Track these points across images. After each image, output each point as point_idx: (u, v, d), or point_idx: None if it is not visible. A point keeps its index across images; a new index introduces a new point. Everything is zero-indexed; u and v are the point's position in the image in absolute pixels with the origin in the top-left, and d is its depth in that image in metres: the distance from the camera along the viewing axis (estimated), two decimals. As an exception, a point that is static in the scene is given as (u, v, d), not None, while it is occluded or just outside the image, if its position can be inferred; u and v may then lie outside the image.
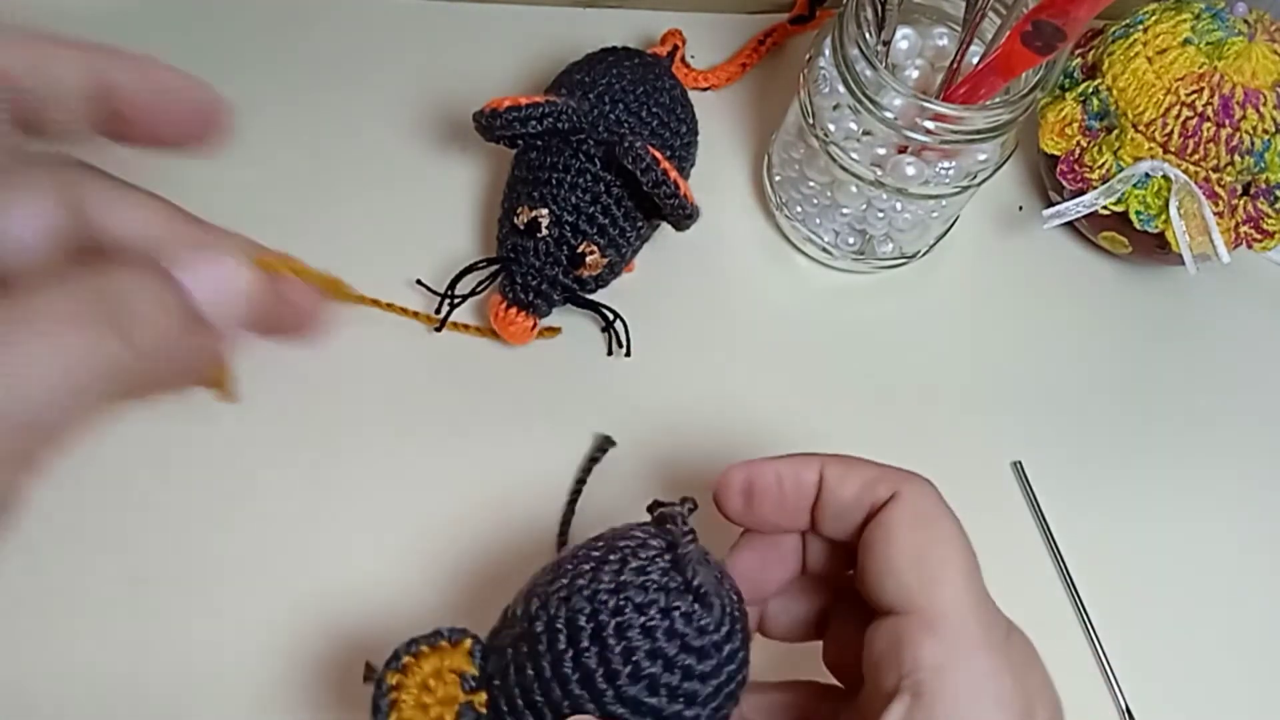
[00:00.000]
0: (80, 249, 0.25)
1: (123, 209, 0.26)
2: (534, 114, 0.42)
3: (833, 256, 0.50)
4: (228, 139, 0.28)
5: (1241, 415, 0.50)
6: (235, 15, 0.52)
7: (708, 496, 0.45)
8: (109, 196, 0.26)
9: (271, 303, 0.27)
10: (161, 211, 0.26)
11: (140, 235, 0.25)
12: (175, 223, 0.26)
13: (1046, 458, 0.48)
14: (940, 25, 0.46)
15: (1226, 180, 0.47)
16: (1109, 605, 0.45)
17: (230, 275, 0.25)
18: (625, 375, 0.47)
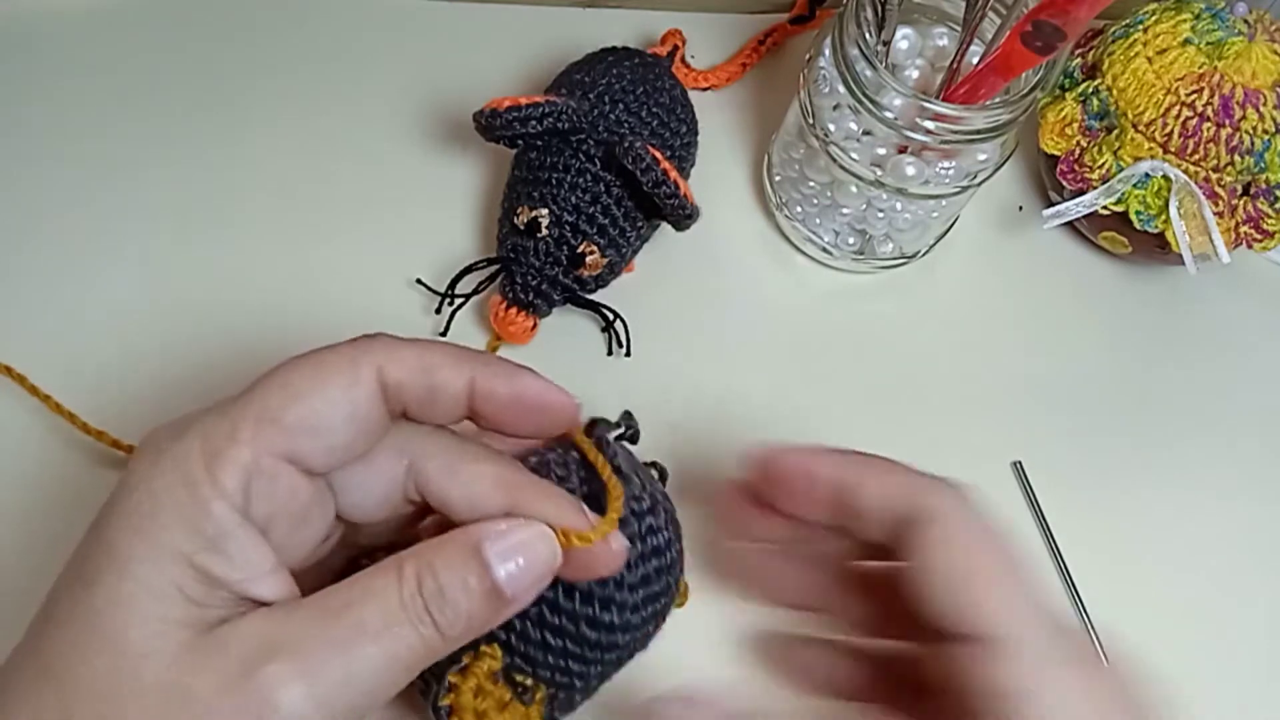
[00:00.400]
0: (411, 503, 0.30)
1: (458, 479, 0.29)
2: (534, 114, 0.42)
3: (833, 256, 0.50)
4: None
5: (1241, 415, 0.50)
6: (235, 15, 0.52)
7: (708, 495, 0.45)
8: (448, 463, 0.29)
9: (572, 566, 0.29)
10: (491, 477, 0.29)
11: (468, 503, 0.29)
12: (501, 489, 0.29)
13: (1046, 457, 0.48)
14: (940, 25, 0.46)
15: (1226, 180, 0.47)
16: (1109, 604, 0.45)
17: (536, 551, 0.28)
18: (625, 375, 0.47)
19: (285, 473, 0.26)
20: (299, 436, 0.26)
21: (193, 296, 0.46)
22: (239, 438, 0.25)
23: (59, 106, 0.49)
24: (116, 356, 0.45)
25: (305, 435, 0.26)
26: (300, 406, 0.26)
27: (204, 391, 0.44)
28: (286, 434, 0.26)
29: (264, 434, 0.26)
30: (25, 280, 0.46)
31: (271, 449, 0.26)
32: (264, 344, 0.46)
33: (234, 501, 0.25)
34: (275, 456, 0.26)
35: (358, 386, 0.27)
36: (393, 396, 0.28)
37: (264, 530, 0.26)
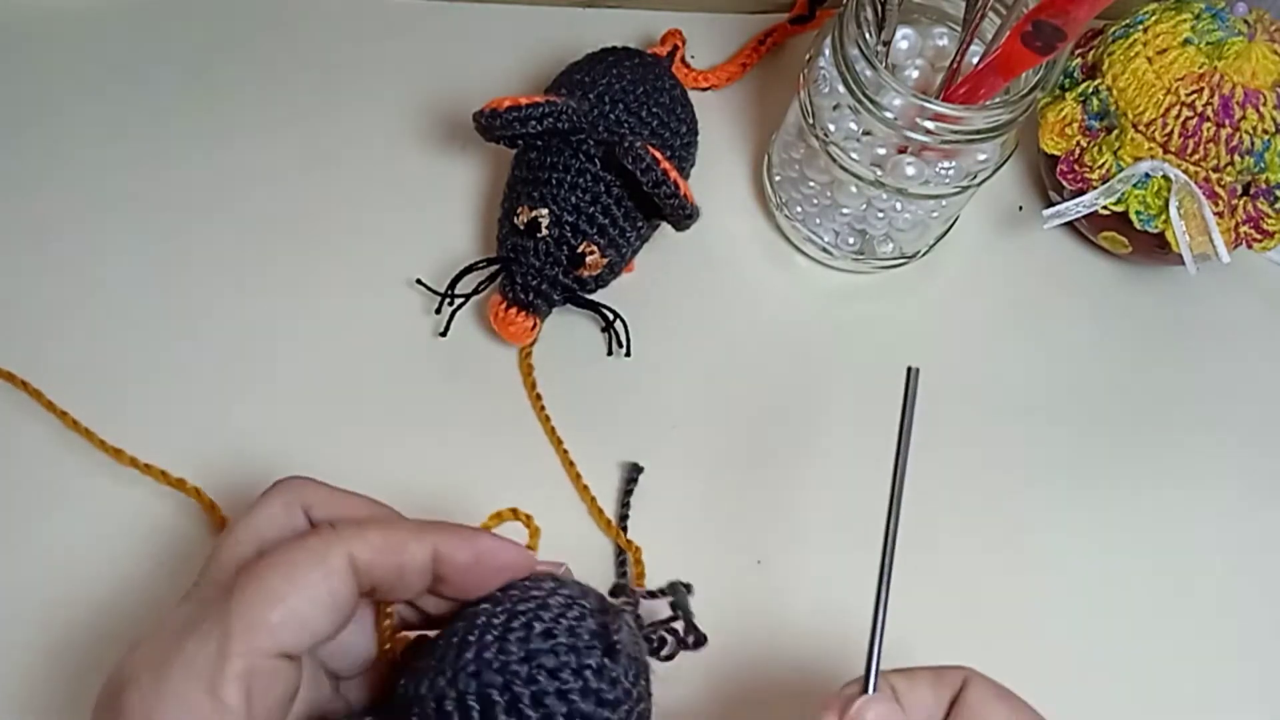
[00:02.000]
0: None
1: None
2: (534, 114, 0.42)
3: (833, 256, 0.50)
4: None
5: (1241, 415, 0.50)
6: (235, 15, 0.52)
7: (707, 495, 0.45)
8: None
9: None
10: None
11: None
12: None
13: (1046, 457, 0.48)
14: (940, 25, 0.46)
15: (1226, 180, 0.47)
16: (1109, 604, 0.45)
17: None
18: (625, 375, 0.47)
19: (279, 668, 0.28)
20: (284, 635, 0.27)
21: (192, 297, 0.46)
22: (232, 650, 0.27)
23: (59, 107, 0.49)
24: (117, 357, 0.45)
25: (290, 632, 0.28)
26: (282, 609, 0.27)
27: (207, 394, 0.45)
28: (273, 634, 0.27)
29: (254, 640, 0.27)
30: (26, 282, 0.46)
31: (263, 651, 0.27)
32: (265, 344, 0.46)
33: (239, 715, 0.26)
34: (267, 656, 0.27)
35: (332, 578, 0.28)
36: (364, 579, 0.29)
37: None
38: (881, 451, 0.47)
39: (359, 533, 0.29)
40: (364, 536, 0.29)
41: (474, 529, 0.31)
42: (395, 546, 0.29)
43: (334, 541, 0.29)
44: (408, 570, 0.29)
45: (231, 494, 0.42)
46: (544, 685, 0.28)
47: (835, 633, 0.43)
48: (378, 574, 0.29)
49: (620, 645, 0.29)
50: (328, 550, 0.28)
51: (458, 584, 0.30)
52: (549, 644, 0.29)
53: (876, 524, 0.46)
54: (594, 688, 0.28)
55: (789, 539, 0.45)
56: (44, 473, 0.43)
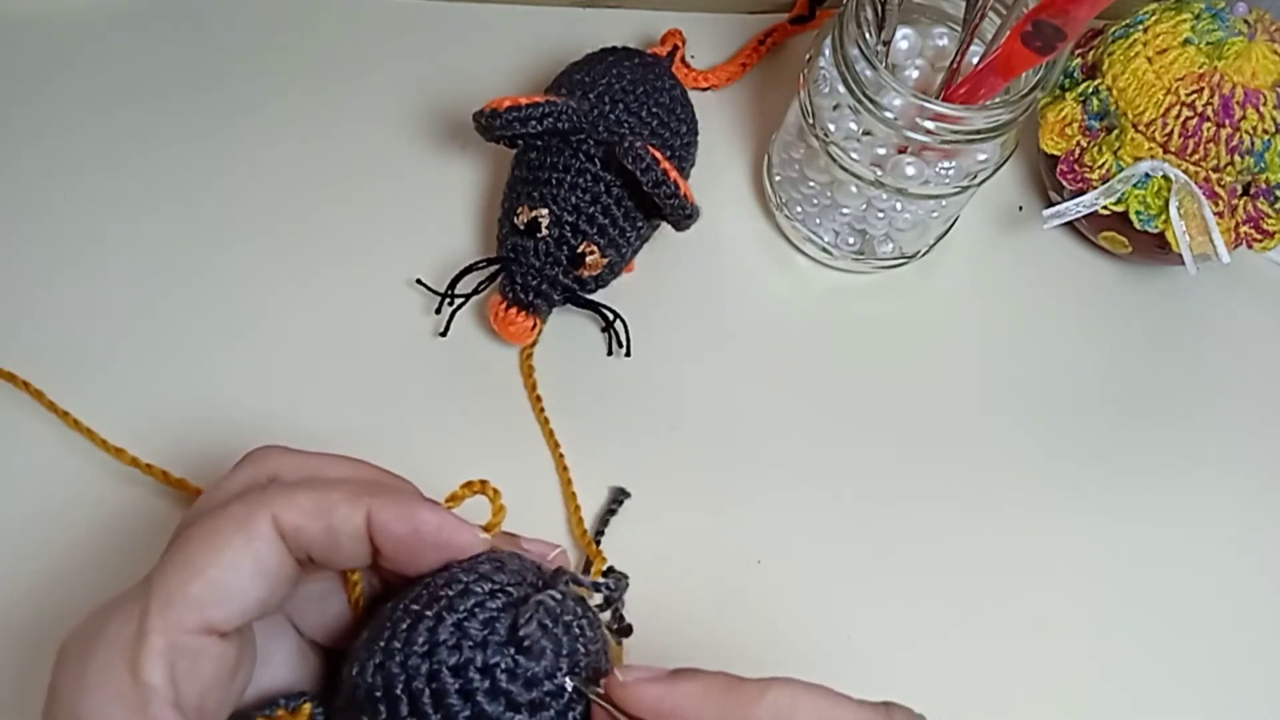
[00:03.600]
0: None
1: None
2: (534, 114, 0.42)
3: (833, 256, 0.50)
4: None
5: (1241, 415, 0.50)
6: (235, 14, 0.52)
7: (707, 495, 0.45)
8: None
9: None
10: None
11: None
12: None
13: (1046, 456, 0.48)
14: (940, 25, 0.46)
15: (1226, 180, 0.47)
16: (1109, 603, 0.45)
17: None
18: (625, 375, 0.47)
19: (205, 645, 0.26)
20: (207, 607, 0.26)
21: (192, 297, 0.46)
22: (150, 627, 0.25)
23: (57, 107, 0.49)
24: (116, 358, 0.45)
25: (213, 605, 0.26)
26: (201, 580, 0.26)
27: (208, 395, 0.45)
28: (194, 608, 0.26)
29: (172, 615, 0.25)
30: (26, 283, 0.46)
31: (184, 627, 0.25)
32: (265, 344, 0.46)
33: (164, 695, 0.25)
34: (190, 633, 0.26)
35: (255, 541, 0.26)
36: (294, 544, 0.27)
37: (199, 705, 0.26)
38: (879, 451, 0.47)
39: (287, 494, 0.27)
40: (291, 498, 0.27)
41: (420, 500, 0.29)
42: (325, 509, 0.27)
43: (258, 505, 0.27)
44: (340, 535, 0.27)
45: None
46: (446, 683, 0.26)
47: (835, 632, 0.43)
48: (307, 538, 0.27)
49: (531, 641, 0.26)
50: (250, 515, 0.27)
51: (393, 557, 0.28)
52: (455, 638, 0.26)
53: (877, 524, 0.46)
54: (503, 688, 0.26)
55: (789, 539, 0.45)
56: (43, 472, 0.42)
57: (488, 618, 0.27)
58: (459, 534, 0.28)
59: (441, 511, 0.28)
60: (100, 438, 0.42)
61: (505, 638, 0.26)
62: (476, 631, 0.26)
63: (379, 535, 0.27)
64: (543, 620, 0.27)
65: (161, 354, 0.45)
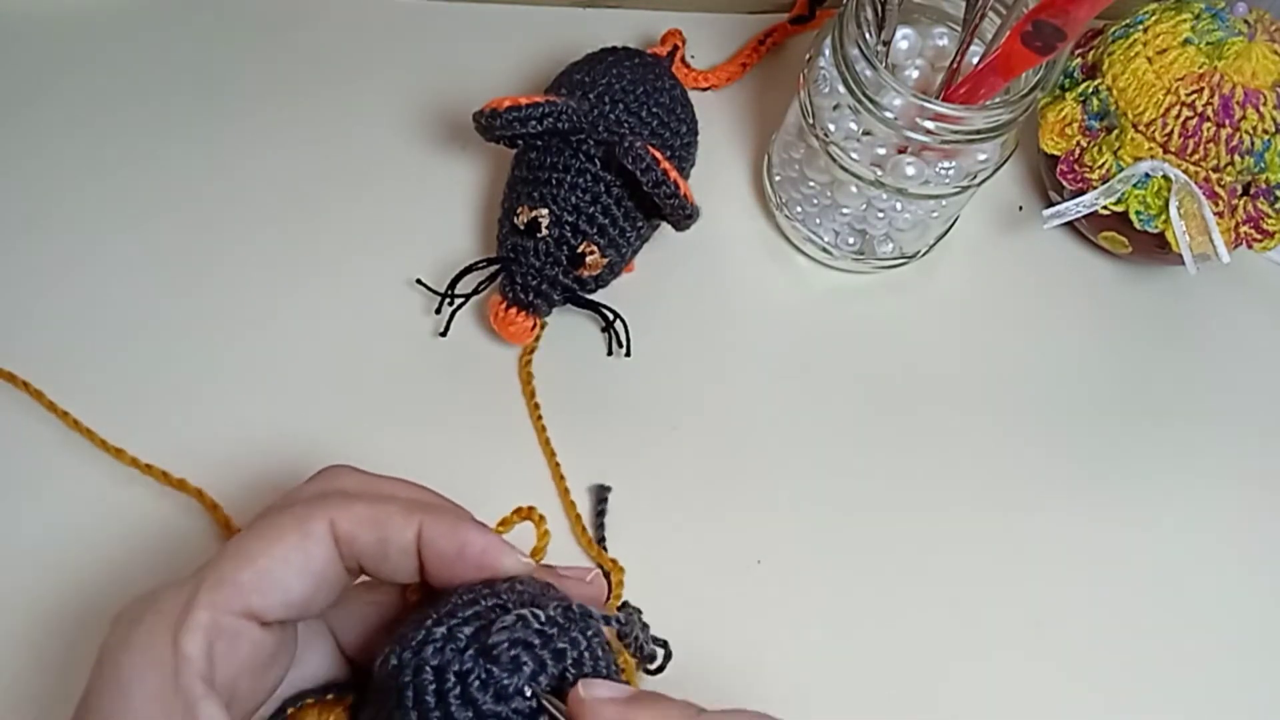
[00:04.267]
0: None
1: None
2: (534, 114, 0.42)
3: (833, 256, 0.50)
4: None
5: (1241, 415, 0.50)
6: (235, 14, 0.52)
7: (706, 495, 0.45)
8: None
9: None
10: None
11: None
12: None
13: (1046, 457, 0.48)
14: (940, 25, 0.46)
15: (1226, 180, 0.47)
16: (1109, 603, 0.45)
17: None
18: (625, 375, 0.47)
19: (245, 629, 0.27)
20: (253, 594, 0.27)
21: (192, 297, 0.46)
22: (197, 602, 0.27)
23: (58, 107, 0.49)
24: (117, 356, 0.45)
25: (259, 592, 0.27)
26: (252, 569, 0.27)
27: (208, 394, 0.45)
28: (241, 592, 0.27)
29: (220, 595, 0.27)
30: (25, 283, 0.46)
31: (228, 608, 0.27)
32: (264, 343, 0.46)
33: (198, 668, 0.26)
34: (233, 614, 0.27)
35: (309, 541, 0.28)
36: (346, 550, 0.28)
37: (231, 687, 0.27)
38: (879, 450, 0.47)
39: (346, 503, 0.29)
40: (350, 507, 0.28)
41: (470, 522, 0.30)
42: (380, 521, 0.28)
43: (317, 508, 0.28)
44: (391, 548, 0.28)
45: (232, 492, 0.42)
46: (425, 681, 0.27)
47: (835, 632, 0.43)
48: (360, 547, 0.28)
49: (499, 652, 0.26)
50: (309, 515, 0.28)
51: (438, 574, 0.29)
52: (443, 642, 0.27)
53: (876, 523, 0.46)
54: (473, 696, 0.26)
55: (789, 539, 0.45)
56: (43, 472, 0.43)
57: (477, 628, 0.27)
58: (502, 557, 0.29)
59: (488, 534, 0.30)
60: (100, 438, 0.42)
61: (481, 647, 0.27)
62: (462, 638, 0.27)
63: (427, 551, 0.29)
64: (519, 635, 0.27)
65: (160, 353, 0.45)
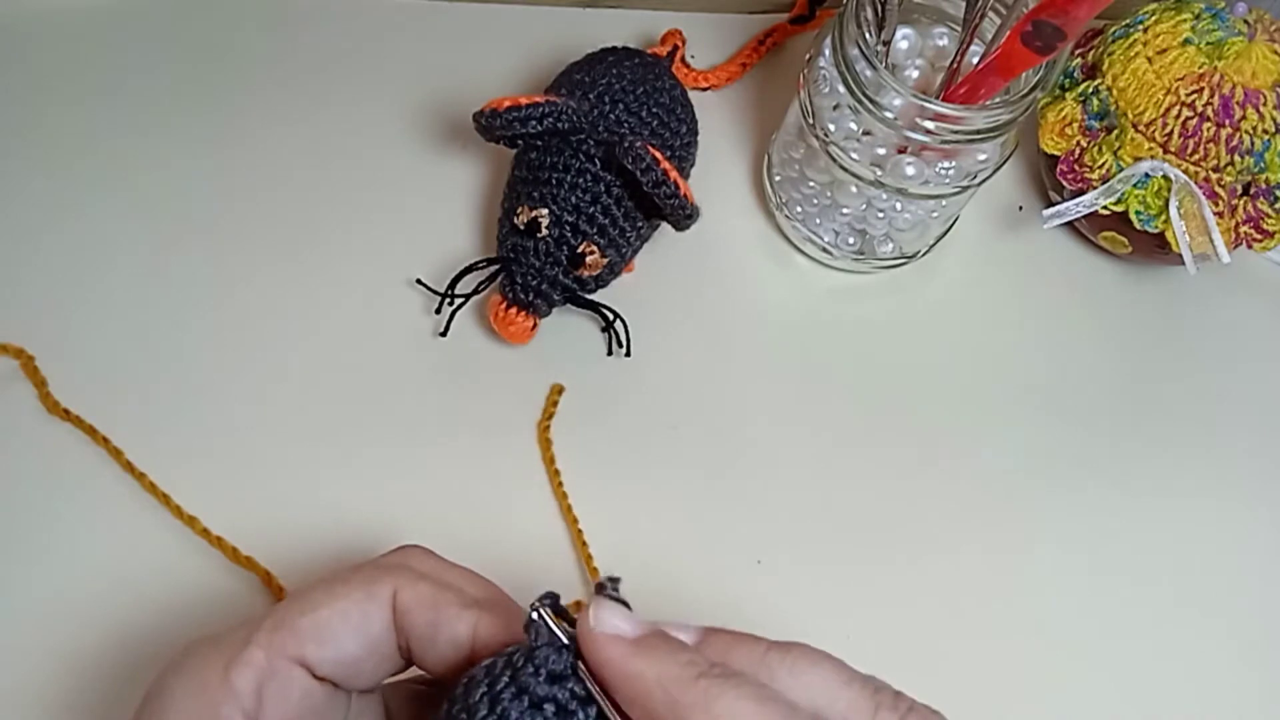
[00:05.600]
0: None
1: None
2: (534, 114, 0.42)
3: (833, 256, 0.50)
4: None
5: (1241, 415, 0.50)
6: (235, 14, 0.52)
7: (707, 495, 0.45)
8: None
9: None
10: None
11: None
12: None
13: (1045, 457, 0.48)
14: (940, 25, 0.46)
15: (1226, 180, 0.47)
16: (1109, 602, 0.45)
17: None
18: (625, 375, 0.47)
19: (298, 677, 0.27)
20: (309, 642, 0.27)
21: (192, 297, 0.46)
22: (254, 641, 0.27)
23: (58, 107, 0.49)
24: (115, 355, 0.45)
25: (315, 642, 0.27)
26: (312, 617, 0.28)
27: (203, 391, 0.45)
28: (298, 638, 0.27)
29: (277, 637, 0.27)
30: (26, 280, 0.46)
31: (284, 652, 0.27)
32: (264, 343, 0.46)
33: (245, 705, 0.26)
34: (288, 659, 0.27)
35: (371, 603, 0.28)
36: (400, 622, 0.28)
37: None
38: (879, 450, 0.47)
39: (412, 578, 0.29)
40: (415, 583, 0.28)
41: (518, 611, 0.29)
42: (439, 604, 0.28)
43: (385, 573, 0.29)
44: (441, 634, 0.28)
45: (218, 493, 0.43)
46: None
47: (835, 632, 0.43)
48: (413, 624, 0.28)
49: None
50: (375, 579, 0.28)
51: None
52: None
53: (876, 523, 0.46)
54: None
55: (789, 539, 0.45)
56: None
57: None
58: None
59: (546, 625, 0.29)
60: (100, 435, 0.42)
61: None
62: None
63: (480, 651, 0.28)
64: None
65: (157, 349, 0.45)
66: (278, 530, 0.42)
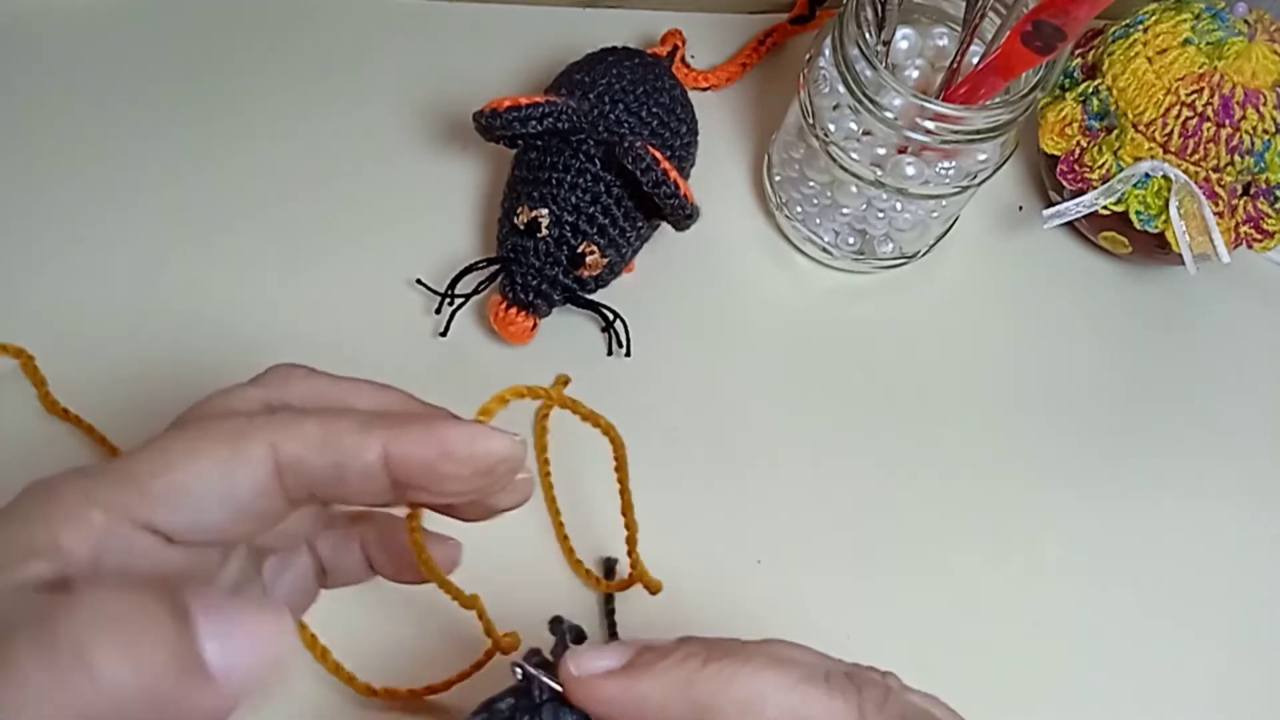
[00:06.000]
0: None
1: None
2: (534, 114, 0.42)
3: (833, 256, 0.50)
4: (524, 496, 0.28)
5: (1241, 415, 0.50)
6: (235, 14, 0.52)
7: (707, 496, 0.45)
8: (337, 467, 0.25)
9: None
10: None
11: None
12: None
13: (1046, 457, 0.48)
14: (940, 25, 0.46)
15: (1226, 180, 0.47)
16: (1109, 603, 0.45)
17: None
18: (625, 375, 0.47)
19: (145, 543, 0.23)
20: (159, 507, 0.23)
21: (191, 296, 0.46)
22: (94, 499, 0.23)
23: (58, 107, 0.49)
24: (115, 357, 0.45)
25: (167, 507, 0.23)
26: (166, 481, 0.23)
27: (200, 391, 0.45)
28: (147, 501, 0.23)
29: (122, 497, 0.23)
30: (26, 280, 0.46)
31: (129, 514, 0.23)
32: (264, 344, 0.46)
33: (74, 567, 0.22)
34: (132, 524, 0.23)
35: (237, 464, 0.24)
36: (291, 477, 0.24)
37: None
38: (879, 451, 0.47)
39: (293, 423, 0.24)
40: (297, 427, 0.24)
41: (447, 419, 0.26)
42: (332, 442, 0.24)
43: (259, 428, 0.24)
44: (349, 472, 0.24)
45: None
46: None
47: (836, 632, 0.43)
48: (308, 472, 0.24)
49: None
50: (244, 435, 0.24)
51: (422, 487, 0.25)
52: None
53: (877, 523, 0.46)
54: None
55: (789, 539, 0.45)
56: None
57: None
58: (491, 442, 0.25)
59: (471, 424, 0.25)
60: (90, 426, 0.42)
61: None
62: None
63: (399, 468, 0.24)
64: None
65: (156, 348, 0.45)
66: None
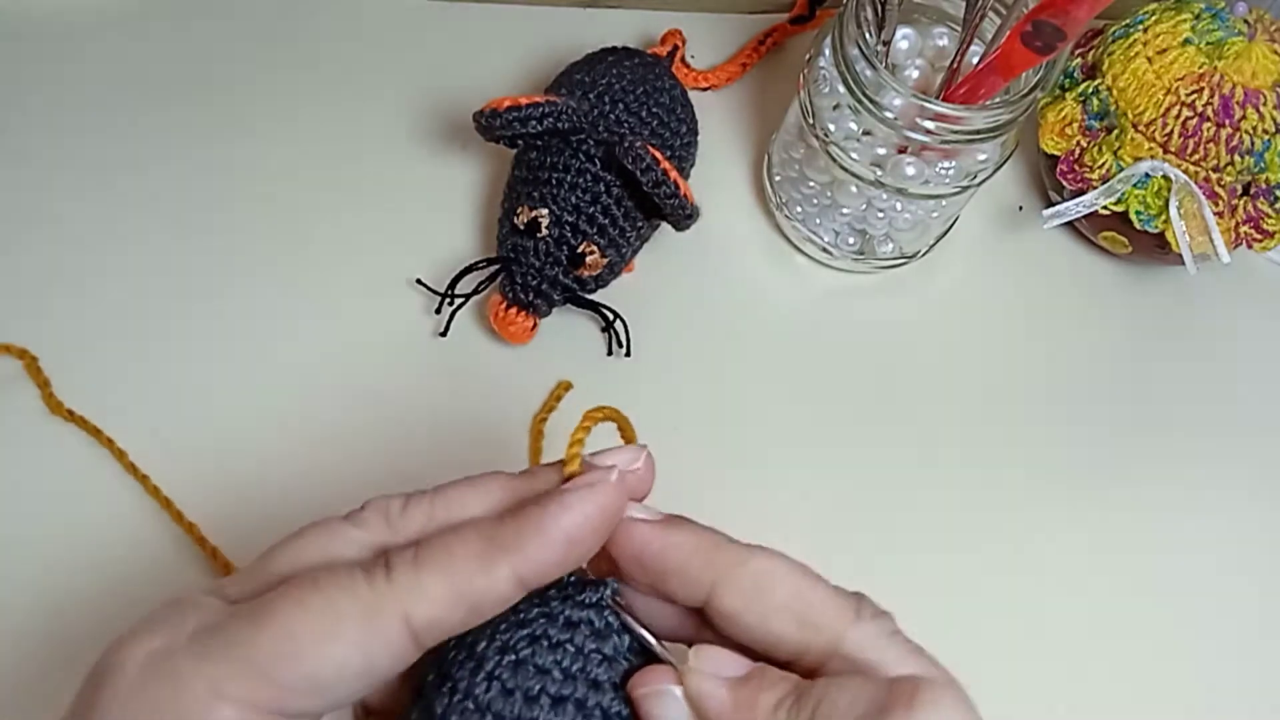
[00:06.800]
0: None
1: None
2: (534, 114, 0.42)
3: (833, 256, 0.50)
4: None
5: (1241, 415, 0.50)
6: (235, 14, 0.52)
7: (707, 496, 0.45)
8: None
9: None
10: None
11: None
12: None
13: (1046, 456, 0.48)
14: (940, 25, 0.46)
15: (1226, 180, 0.47)
16: (1109, 603, 0.45)
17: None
18: (625, 375, 0.47)
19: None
20: (295, 697, 0.23)
21: (193, 297, 0.46)
22: (223, 693, 0.22)
23: (58, 107, 0.49)
24: (118, 358, 0.45)
25: (299, 697, 0.23)
26: (301, 667, 0.23)
27: (202, 392, 0.45)
28: (280, 694, 0.23)
29: (251, 690, 0.22)
30: (28, 281, 0.46)
31: (258, 706, 0.22)
32: (263, 343, 0.46)
33: None
34: (260, 712, 0.23)
35: (375, 646, 0.23)
36: (429, 637, 0.24)
37: None
38: (879, 451, 0.47)
39: (416, 587, 0.24)
40: (423, 592, 0.24)
41: (552, 506, 0.25)
42: (462, 593, 0.24)
43: (386, 600, 0.23)
44: (486, 609, 0.24)
45: (219, 494, 0.43)
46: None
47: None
48: (448, 627, 0.24)
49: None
50: (378, 610, 0.23)
51: (570, 568, 0.25)
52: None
53: (877, 523, 0.46)
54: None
55: (789, 539, 0.45)
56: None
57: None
58: (612, 499, 0.26)
59: (579, 497, 0.25)
60: (88, 423, 0.43)
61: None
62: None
63: (536, 580, 0.25)
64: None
65: (155, 348, 0.45)
66: (278, 531, 0.42)
